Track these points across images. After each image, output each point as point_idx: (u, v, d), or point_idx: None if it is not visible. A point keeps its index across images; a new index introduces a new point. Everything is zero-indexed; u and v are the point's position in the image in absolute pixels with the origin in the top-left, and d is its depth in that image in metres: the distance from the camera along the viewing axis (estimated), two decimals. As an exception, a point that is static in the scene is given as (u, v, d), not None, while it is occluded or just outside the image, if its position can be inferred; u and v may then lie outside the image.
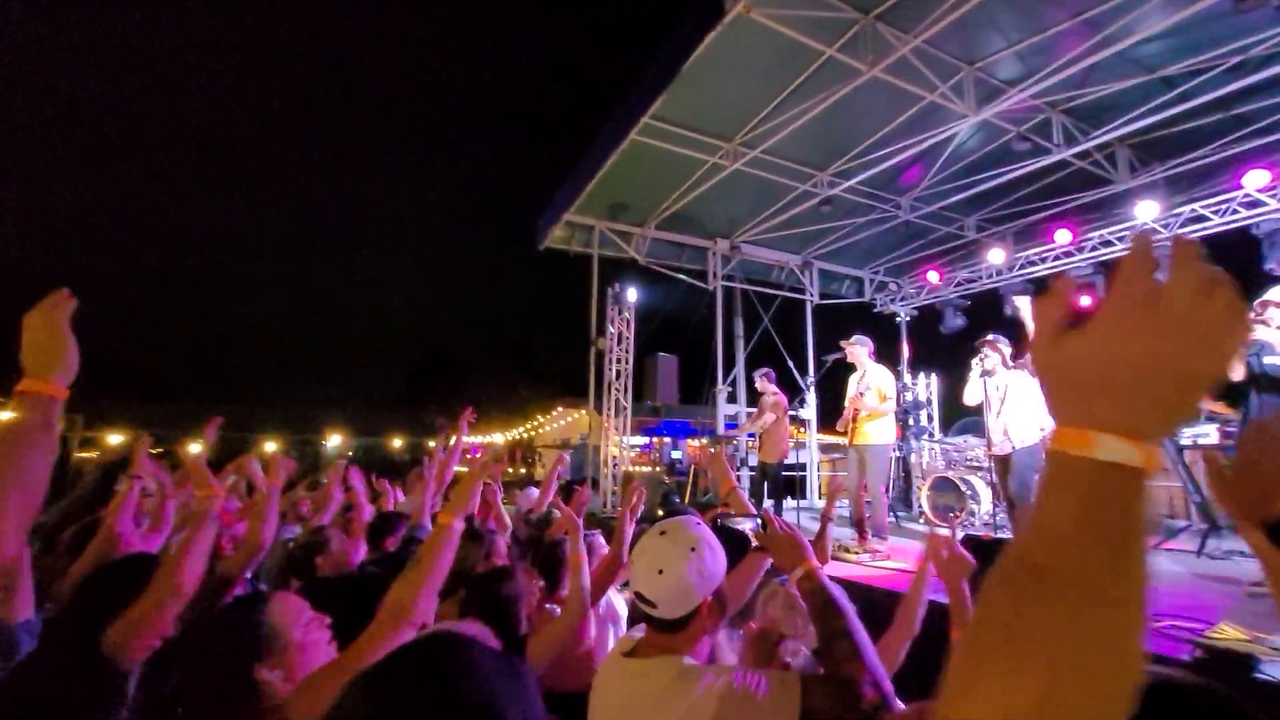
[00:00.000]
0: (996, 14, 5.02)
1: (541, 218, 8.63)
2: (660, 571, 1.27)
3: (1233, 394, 4.36)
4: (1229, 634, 2.85)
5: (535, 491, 4.97)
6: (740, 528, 1.72)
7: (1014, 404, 4.85)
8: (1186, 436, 5.39)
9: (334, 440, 32.95)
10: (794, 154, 7.02)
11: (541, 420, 33.46)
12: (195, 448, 2.33)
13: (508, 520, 3.56)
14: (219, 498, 1.87)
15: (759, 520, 1.51)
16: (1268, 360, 3.49)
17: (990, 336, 5.11)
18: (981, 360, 5.06)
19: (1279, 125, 5.81)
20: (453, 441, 3.16)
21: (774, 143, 6.57)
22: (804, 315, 10.14)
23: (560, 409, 32.07)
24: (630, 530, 2.70)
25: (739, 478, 8.38)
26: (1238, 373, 3.58)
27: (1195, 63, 5.21)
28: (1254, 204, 6.52)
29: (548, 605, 2.52)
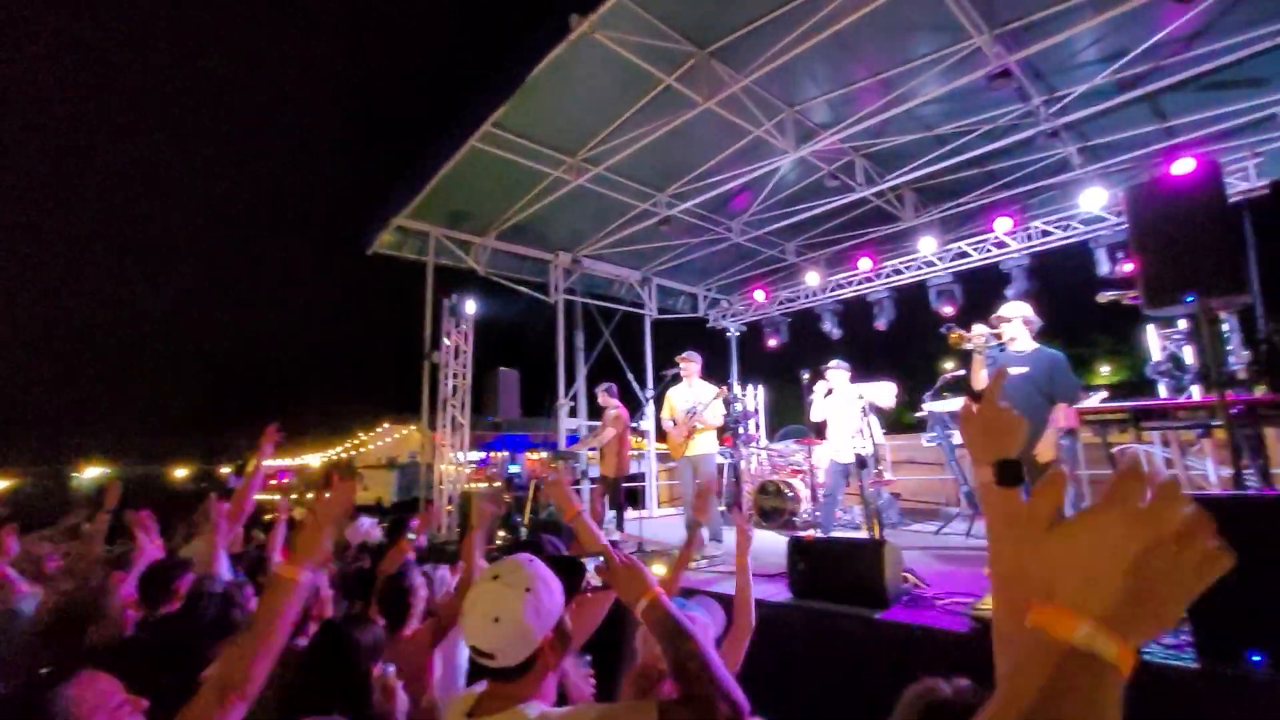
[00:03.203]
0: (812, 65, 5.60)
1: (370, 220, 7.95)
2: (496, 620, 1.22)
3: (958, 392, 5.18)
4: (990, 605, 3.41)
5: (368, 522, 4.50)
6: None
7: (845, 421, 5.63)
8: (959, 435, 6.37)
9: (92, 472, 27.35)
10: (635, 174, 7.22)
11: (365, 438, 30.81)
12: None
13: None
14: None
15: (600, 557, 1.48)
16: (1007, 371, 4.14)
17: (834, 363, 5.93)
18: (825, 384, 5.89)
19: (1019, 181, 7.19)
20: (250, 467, 2.71)
21: (616, 161, 6.70)
22: (643, 330, 10.46)
23: (387, 425, 29.79)
24: (479, 557, 2.54)
25: (579, 491, 8.36)
26: (980, 380, 4.18)
27: (960, 125, 6.25)
28: (1002, 244, 8.00)
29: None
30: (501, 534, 6.72)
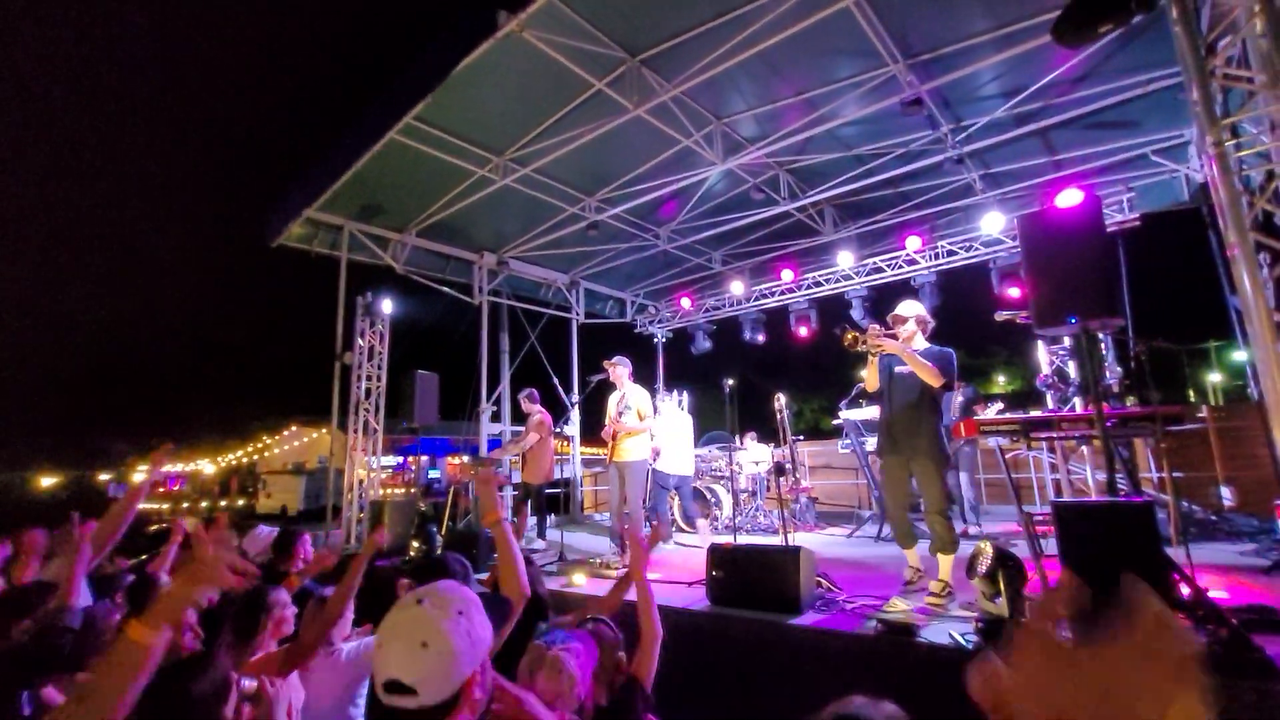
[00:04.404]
0: (739, 80, 5.72)
1: (276, 209, 7.45)
2: (424, 644, 1.05)
3: (872, 400, 5.33)
4: (898, 607, 3.55)
5: (266, 531, 4.16)
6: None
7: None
8: (871, 442, 6.67)
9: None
10: (564, 176, 7.13)
11: (269, 442, 28.86)
12: None
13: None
14: None
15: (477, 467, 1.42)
16: (896, 369, 3.96)
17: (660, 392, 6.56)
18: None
19: (929, 203, 7.64)
20: (138, 479, 2.39)
21: (544, 163, 6.59)
22: (570, 334, 10.36)
23: (295, 428, 28.04)
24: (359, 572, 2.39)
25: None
26: (873, 382, 4.01)
27: (877, 147, 6.56)
28: (912, 261, 8.47)
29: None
30: (416, 544, 6.44)
